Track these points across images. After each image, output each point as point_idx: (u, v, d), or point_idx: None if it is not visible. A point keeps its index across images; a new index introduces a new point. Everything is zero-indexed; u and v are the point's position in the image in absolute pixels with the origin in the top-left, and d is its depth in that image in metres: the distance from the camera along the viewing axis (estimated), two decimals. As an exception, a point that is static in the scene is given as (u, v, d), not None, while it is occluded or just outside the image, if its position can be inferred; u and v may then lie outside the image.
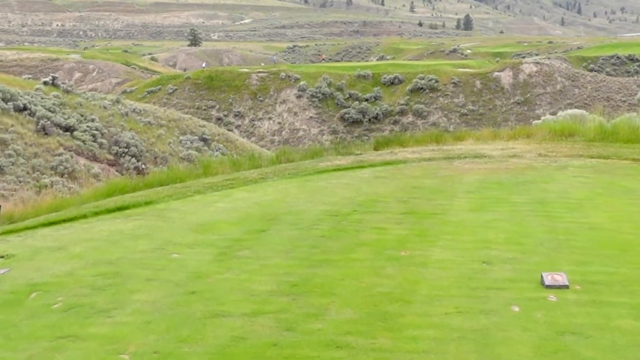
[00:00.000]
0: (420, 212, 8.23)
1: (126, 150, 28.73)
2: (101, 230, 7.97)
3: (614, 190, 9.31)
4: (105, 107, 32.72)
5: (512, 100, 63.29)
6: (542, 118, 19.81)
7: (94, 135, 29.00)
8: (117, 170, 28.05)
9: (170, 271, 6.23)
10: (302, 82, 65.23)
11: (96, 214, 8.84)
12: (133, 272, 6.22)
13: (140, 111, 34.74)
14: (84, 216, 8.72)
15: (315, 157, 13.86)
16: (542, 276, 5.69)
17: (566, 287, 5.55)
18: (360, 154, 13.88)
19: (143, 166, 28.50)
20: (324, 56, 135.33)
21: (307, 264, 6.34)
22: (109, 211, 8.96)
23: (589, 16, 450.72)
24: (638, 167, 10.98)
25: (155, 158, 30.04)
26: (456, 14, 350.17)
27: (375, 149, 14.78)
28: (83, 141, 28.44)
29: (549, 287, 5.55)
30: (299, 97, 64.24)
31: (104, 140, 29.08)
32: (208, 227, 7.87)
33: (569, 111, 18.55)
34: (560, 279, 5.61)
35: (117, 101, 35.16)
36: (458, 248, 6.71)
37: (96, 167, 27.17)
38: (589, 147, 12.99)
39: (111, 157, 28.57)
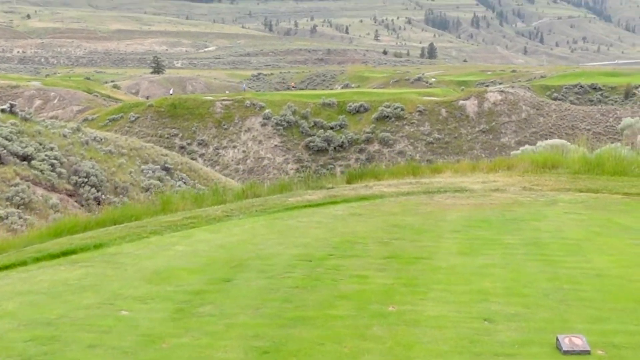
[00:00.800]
0: (405, 256, 7.36)
1: (86, 180, 27.58)
2: (42, 280, 6.92)
3: (612, 229, 8.57)
4: (65, 136, 31.55)
5: (477, 129, 63.21)
6: (521, 149, 19.21)
7: (52, 165, 27.83)
8: (76, 201, 26.92)
9: (117, 334, 5.23)
10: (267, 110, 64.52)
11: (37, 259, 7.79)
12: (74, 336, 5.19)
13: (101, 140, 33.61)
14: (24, 263, 7.66)
15: (284, 192, 12.98)
16: (557, 340, 4.83)
17: (587, 352, 4.71)
18: (332, 187, 13.04)
19: (103, 196, 27.38)
20: (293, 84, 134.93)
21: (280, 322, 5.40)
22: (53, 256, 7.92)
23: (551, 45, 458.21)
24: (631, 203, 10.30)
25: (116, 188, 28.92)
26: (420, 43, 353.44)
27: (348, 182, 14.02)
28: (41, 171, 27.27)
29: (567, 352, 4.70)
30: (263, 125, 63.48)
31: (63, 170, 27.90)
32: (164, 275, 6.88)
33: (549, 141, 18.01)
34: (580, 342, 4.76)
35: (78, 129, 34.01)
36: (453, 301, 5.83)
37: (54, 198, 26.01)
38: (575, 180, 12.39)
39: (70, 187, 27.39)
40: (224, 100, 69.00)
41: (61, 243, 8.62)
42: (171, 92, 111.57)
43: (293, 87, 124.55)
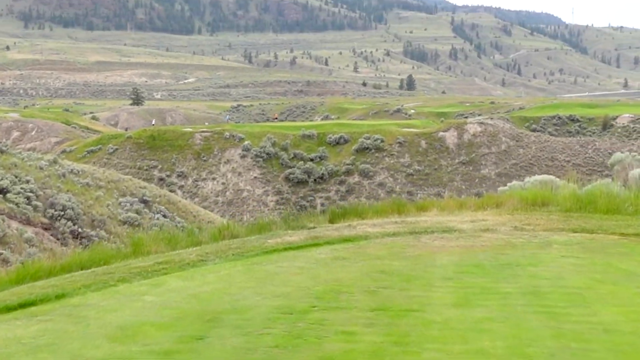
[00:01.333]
0: (394, 307, 6.75)
1: (62, 213, 26.89)
2: (-7, 338, 6.24)
3: (615, 275, 8.01)
4: (41, 168, 30.86)
5: (457, 160, 63.05)
6: (509, 185, 18.73)
7: (28, 198, 27.11)
8: (52, 235, 26.19)
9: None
10: (246, 142, 64.04)
11: (-8, 313, 7.11)
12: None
13: (79, 172, 32.90)
14: (-24, 317, 6.98)
15: (263, 232, 12.44)
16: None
17: None
18: (314, 227, 12.56)
19: (79, 230, 26.65)
20: (275, 115, 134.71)
21: (258, 391, 4.80)
22: (9, 309, 7.23)
23: (528, 77, 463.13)
24: (630, 244, 9.78)
25: (93, 221, 28.19)
26: (399, 75, 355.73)
27: (331, 221, 13.41)
28: (16, 204, 26.51)
29: None
30: (243, 157, 62.96)
31: (39, 203, 27.18)
32: (130, 332, 6.19)
33: (538, 177, 17.56)
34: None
35: (55, 161, 33.29)
36: (449, 364, 5.25)
37: (29, 232, 25.26)
38: (567, 219, 11.82)
39: (46, 221, 26.66)
40: (203, 131, 68.48)
41: (20, 293, 7.92)
42: (153, 122, 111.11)
43: (275, 118, 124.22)
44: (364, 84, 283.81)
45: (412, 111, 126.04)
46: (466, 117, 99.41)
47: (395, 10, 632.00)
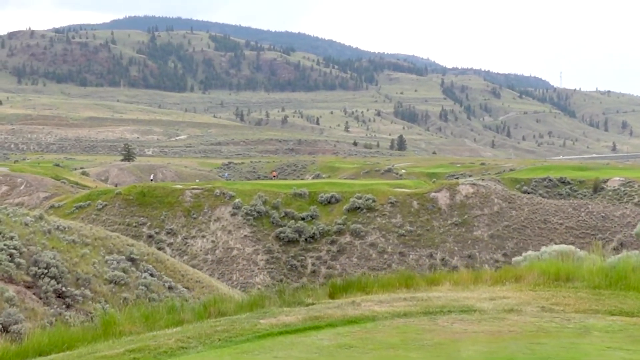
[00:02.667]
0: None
1: (46, 271, 26.18)
2: None
3: None
4: (27, 224, 30.25)
5: (449, 222, 62.74)
6: (524, 254, 17.77)
7: (11, 255, 26.45)
8: (34, 294, 25.45)
9: None
10: (237, 200, 63.64)
11: None
12: None
13: (65, 228, 32.31)
14: None
15: (255, 309, 11.09)
16: None
17: None
18: (313, 303, 11.37)
19: (63, 289, 25.94)
20: (274, 173, 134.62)
21: None
22: None
23: (517, 139, 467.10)
24: (682, 333, 8.76)
25: (78, 280, 27.49)
26: (389, 135, 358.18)
27: (331, 295, 12.11)
28: (-2, 261, 25.92)
29: None
30: (233, 215, 62.48)
31: (22, 260, 26.50)
32: None
33: (556, 247, 16.54)
34: None
35: (41, 217, 32.71)
36: None
37: (11, 290, 24.51)
38: (599, 298, 10.66)
39: (29, 279, 25.94)
40: (193, 189, 68.11)
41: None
42: (151, 178, 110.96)
43: (274, 176, 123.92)
44: (355, 144, 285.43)
45: (403, 171, 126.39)
46: (457, 178, 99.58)
47: (386, 71, 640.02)
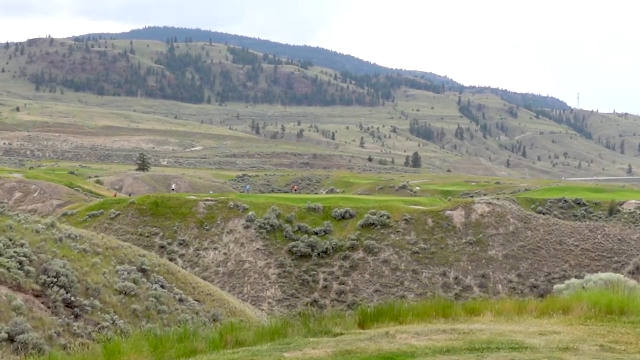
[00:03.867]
0: None
1: (55, 280, 25.89)
2: None
3: None
4: (38, 232, 30.02)
5: (464, 240, 62.14)
6: (567, 282, 16.82)
7: (20, 262, 26.21)
8: (42, 302, 25.16)
9: None
10: (250, 213, 63.31)
11: None
12: None
13: (76, 237, 32.04)
14: None
15: (276, 339, 9.96)
16: None
17: None
18: (342, 333, 10.20)
19: (72, 298, 25.63)
20: (295, 187, 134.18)
21: None
22: None
23: (533, 159, 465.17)
24: None
25: (87, 289, 27.20)
26: (405, 151, 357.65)
27: (361, 325, 11.02)
28: (7, 268, 25.62)
29: None
30: (246, 227, 62.14)
31: (31, 268, 26.26)
32: None
33: (602, 275, 15.53)
34: None
35: (52, 225, 32.46)
36: None
37: (19, 299, 24.26)
38: None
39: (38, 287, 25.66)
40: (207, 200, 67.85)
41: None
42: (173, 187, 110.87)
43: (295, 190, 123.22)
44: (370, 159, 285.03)
45: (418, 188, 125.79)
46: (472, 197, 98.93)
47: (402, 88, 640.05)
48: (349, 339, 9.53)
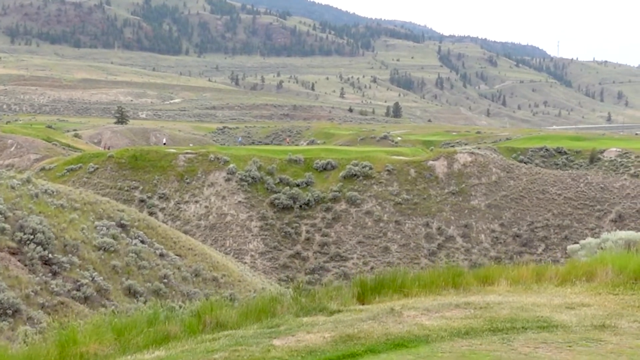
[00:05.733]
0: None
1: (32, 237, 25.19)
2: None
3: None
4: (13, 187, 29.19)
5: (446, 190, 61.90)
6: (582, 242, 15.58)
7: (-5, 219, 25.53)
8: (19, 260, 24.50)
9: None
10: (231, 165, 62.58)
11: None
12: None
13: (53, 192, 31.26)
14: None
15: (263, 319, 8.54)
16: None
17: None
18: (339, 310, 8.83)
19: (50, 255, 24.98)
20: (288, 140, 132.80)
21: None
22: None
23: (513, 108, 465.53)
24: None
25: (65, 246, 26.54)
26: (385, 102, 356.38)
27: (360, 299, 9.68)
28: (-19, 226, 24.98)
29: None
30: (227, 180, 61.46)
31: (6, 225, 25.55)
32: None
33: (621, 234, 14.29)
34: None
35: (28, 181, 31.63)
36: None
37: (-6, 257, 23.67)
38: None
39: (14, 245, 24.98)
40: (187, 153, 66.97)
41: None
42: (164, 141, 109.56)
43: (288, 142, 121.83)
44: (350, 110, 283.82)
45: (399, 138, 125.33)
46: (453, 146, 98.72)
47: (382, 37, 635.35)
48: (349, 319, 8.28)
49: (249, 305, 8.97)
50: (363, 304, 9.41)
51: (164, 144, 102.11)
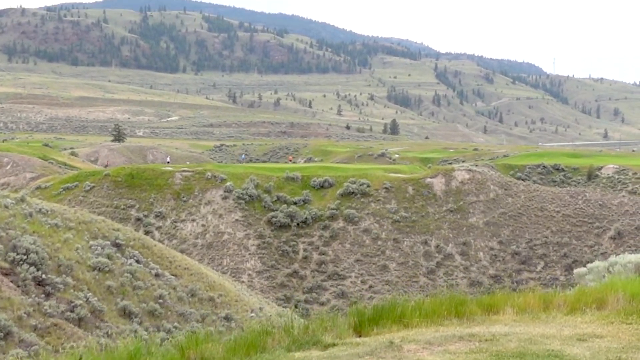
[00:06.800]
0: None
1: (25, 257, 24.82)
2: None
3: None
4: (6, 207, 28.84)
5: (444, 208, 61.59)
6: (589, 266, 15.03)
7: (-12, 239, 25.18)
8: (12, 281, 24.11)
9: None
10: (228, 183, 62.26)
11: None
12: None
13: (47, 212, 30.91)
14: None
15: (253, 355, 7.93)
16: None
17: None
18: (334, 344, 8.28)
19: (43, 276, 24.60)
20: (290, 157, 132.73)
21: None
22: None
23: (510, 125, 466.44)
24: None
25: (59, 266, 26.17)
26: (382, 119, 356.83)
27: (357, 330, 9.03)
28: (-26, 246, 24.63)
29: None
30: (224, 198, 61.12)
31: (-1, 245, 25.20)
32: None
33: (631, 257, 13.71)
34: None
35: (22, 200, 31.29)
36: None
37: (-14, 277, 23.30)
38: None
39: (6, 265, 24.60)
40: (184, 171, 66.64)
41: None
42: (168, 160, 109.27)
43: (291, 160, 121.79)
44: (348, 127, 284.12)
45: (397, 156, 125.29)
46: (450, 163, 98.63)
47: (379, 55, 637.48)
48: (345, 354, 7.76)
49: (237, 339, 8.32)
50: (360, 336, 8.89)
51: (167, 162, 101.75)
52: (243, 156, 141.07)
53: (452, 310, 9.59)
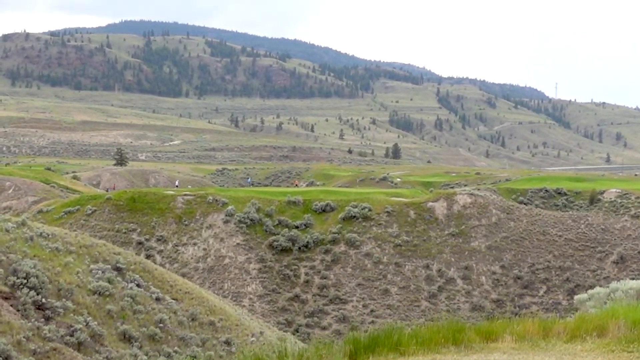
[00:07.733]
0: None
1: (25, 281, 24.76)
2: None
3: None
4: (7, 230, 28.81)
5: (446, 232, 61.52)
6: (590, 292, 14.77)
7: (-12, 263, 25.15)
8: (12, 305, 24.02)
9: None
10: (229, 207, 62.26)
11: None
12: None
13: (48, 235, 30.88)
14: None
15: None
16: None
17: None
18: None
19: (43, 300, 24.52)
20: (296, 182, 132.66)
21: None
22: None
23: (512, 149, 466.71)
24: None
25: (59, 290, 26.09)
26: (384, 143, 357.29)
27: (353, 358, 8.98)
28: (-26, 270, 24.58)
29: None
30: (226, 222, 61.09)
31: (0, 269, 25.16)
32: None
33: (632, 284, 13.52)
34: None
35: (23, 224, 31.28)
36: None
37: (-14, 301, 23.21)
38: None
39: (6, 289, 24.53)
40: (185, 195, 66.69)
41: None
42: (177, 184, 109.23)
43: (296, 185, 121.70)
44: (350, 151, 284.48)
45: (399, 180, 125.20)
46: (452, 187, 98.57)
47: (381, 79, 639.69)
48: None
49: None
50: (357, 365, 8.62)
51: (177, 186, 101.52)
52: (249, 179, 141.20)
53: (450, 338, 9.40)
